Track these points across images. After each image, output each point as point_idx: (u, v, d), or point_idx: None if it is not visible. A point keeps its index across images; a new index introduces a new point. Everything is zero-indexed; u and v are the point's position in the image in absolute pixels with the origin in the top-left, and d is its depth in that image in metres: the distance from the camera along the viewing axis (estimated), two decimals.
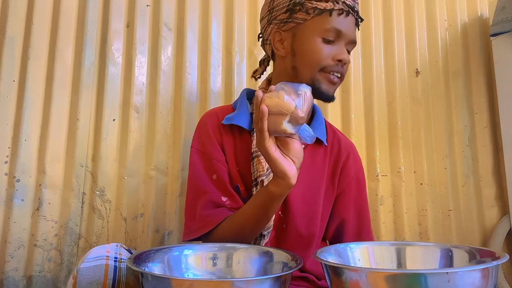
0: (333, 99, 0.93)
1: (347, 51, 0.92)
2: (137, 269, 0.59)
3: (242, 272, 0.73)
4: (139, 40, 1.31)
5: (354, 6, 0.91)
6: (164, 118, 1.30)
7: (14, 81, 1.20)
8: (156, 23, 1.34)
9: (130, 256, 0.64)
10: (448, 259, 0.70)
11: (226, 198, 0.90)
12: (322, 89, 0.90)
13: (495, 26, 1.48)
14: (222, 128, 0.96)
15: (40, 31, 1.24)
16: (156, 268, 0.68)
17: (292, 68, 0.92)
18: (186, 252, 0.74)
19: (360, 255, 0.74)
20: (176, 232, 1.27)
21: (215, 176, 0.91)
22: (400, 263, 0.74)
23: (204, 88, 1.35)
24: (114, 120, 1.26)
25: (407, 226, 1.45)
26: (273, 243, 0.92)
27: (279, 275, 0.58)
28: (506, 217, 1.47)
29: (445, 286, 0.50)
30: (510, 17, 1.44)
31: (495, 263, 0.54)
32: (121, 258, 0.71)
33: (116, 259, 0.70)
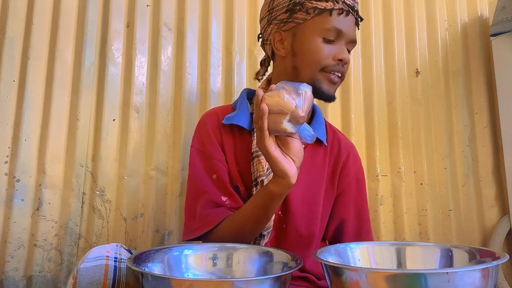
0: (334, 98, 0.93)
1: (347, 51, 0.92)
2: (137, 269, 0.59)
3: (242, 272, 0.73)
4: (139, 40, 1.31)
5: (354, 6, 0.91)
6: (164, 118, 1.30)
7: (14, 81, 1.20)
8: (156, 23, 1.34)
9: (130, 256, 0.64)
10: (448, 259, 0.70)
11: (226, 198, 0.90)
12: (323, 89, 0.90)
13: (495, 26, 1.48)
14: (222, 127, 0.96)
15: (40, 31, 1.24)
16: (156, 268, 0.68)
17: (293, 68, 0.92)
18: (186, 252, 0.74)
19: (360, 255, 0.74)
20: (176, 232, 1.27)
21: (215, 175, 0.91)
22: (400, 263, 0.74)
23: (204, 88, 1.35)
24: (114, 120, 1.26)
25: (407, 226, 1.45)
26: (273, 243, 0.92)
27: (279, 275, 0.58)
28: (506, 217, 1.47)
29: (445, 286, 0.50)
30: (510, 17, 1.44)
31: (495, 263, 0.54)
32: (121, 258, 0.71)
33: (116, 259, 0.70)
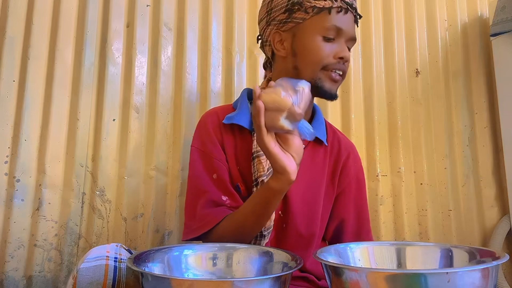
0: (336, 97, 0.93)
1: (348, 49, 0.92)
2: (137, 269, 0.59)
3: (242, 272, 0.73)
4: (139, 40, 1.31)
5: (352, 3, 0.91)
6: (164, 118, 1.30)
7: (14, 81, 1.20)
8: (156, 23, 1.34)
9: (130, 256, 0.64)
10: (448, 259, 0.69)
11: (227, 197, 0.90)
12: (325, 87, 0.90)
13: (495, 26, 1.48)
14: (222, 127, 0.96)
15: (40, 31, 1.24)
16: (156, 268, 0.68)
17: (293, 68, 0.92)
18: (186, 252, 0.74)
19: (360, 255, 0.74)
20: (176, 232, 1.27)
21: (215, 175, 0.91)
22: (400, 263, 0.74)
23: (204, 88, 1.35)
24: (114, 120, 1.26)
25: (407, 226, 1.45)
26: (273, 243, 0.92)
27: (279, 275, 0.58)
28: (506, 217, 1.47)
29: (445, 286, 0.50)
30: (510, 17, 1.44)
31: (495, 263, 0.54)
32: (121, 258, 0.71)
33: (116, 259, 0.70)
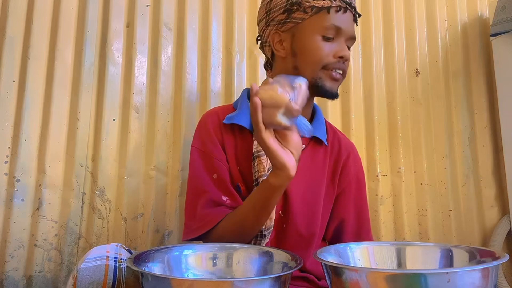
0: (337, 96, 0.93)
1: (347, 47, 0.92)
2: (137, 269, 0.59)
3: (242, 272, 0.73)
4: (139, 40, 1.31)
5: (351, 2, 0.91)
6: (164, 118, 1.30)
7: (14, 81, 1.20)
8: (156, 23, 1.34)
9: (130, 256, 0.64)
10: (448, 259, 0.70)
11: (227, 198, 0.90)
12: (326, 87, 0.90)
13: (495, 26, 1.48)
14: (223, 127, 0.96)
15: (40, 31, 1.24)
16: (156, 268, 0.68)
17: (293, 68, 0.92)
18: (186, 252, 0.74)
19: (360, 255, 0.74)
20: (176, 232, 1.27)
21: (215, 175, 0.91)
22: (400, 263, 0.74)
23: (204, 88, 1.35)
24: (114, 120, 1.26)
25: (407, 226, 1.45)
26: (273, 243, 0.92)
27: (279, 275, 0.58)
28: (506, 217, 1.47)
29: (445, 286, 0.50)
30: (510, 17, 1.44)
31: (495, 263, 0.54)
32: (121, 258, 0.71)
33: (116, 259, 0.70)
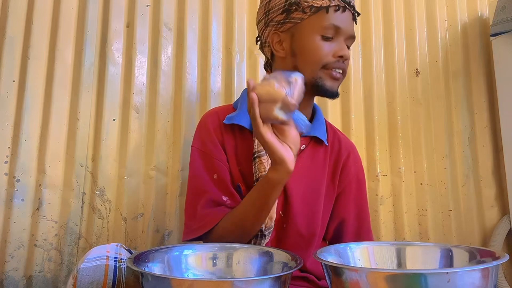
0: (337, 95, 0.93)
1: (347, 47, 0.92)
2: (137, 269, 0.59)
3: (242, 272, 0.73)
4: (139, 40, 1.31)
5: (350, 1, 0.91)
6: (164, 118, 1.30)
7: (14, 81, 1.20)
8: (156, 23, 1.34)
9: (130, 256, 0.64)
10: (448, 259, 0.70)
11: (227, 198, 0.90)
12: (326, 86, 0.90)
13: (495, 26, 1.48)
14: (223, 127, 0.95)
15: (40, 31, 1.24)
16: (156, 268, 0.68)
17: (293, 68, 0.92)
18: (186, 252, 0.74)
19: (360, 255, 0.74)
20: (176, 232, 1.27)
21: (215, 175, 0.91)
22: (400, 263, 0.74)
23: (204, 88, 1.35)
24: (114, 120, 1.26)
25: (407, 226, 1.45)
26: (273, 243, 0.92)
27: (279, 275, 0.58)
28: (506, 217, 1.47)
29: (445, 286, 0.50)
30: (510, 17, 1.44)
31: (495, 263, 0.54)
32: (121, 258, 0.71)
33: (116, 259, 0.70)
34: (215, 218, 0.86)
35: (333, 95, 0.92)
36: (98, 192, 1.22)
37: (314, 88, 0.91)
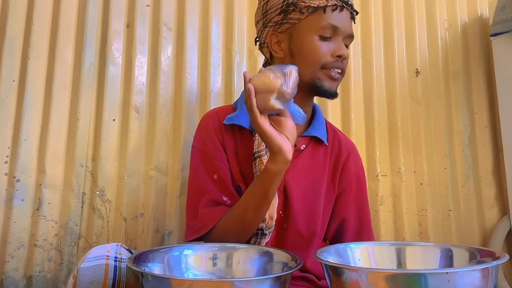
0: (336, 95, 0.93)
1: (345, 46, 0.92)
2: (137, 269, 0.59)
3: (242, 272, 0.73)
4: (139, 40, 1.31)
5: (347, 0, 0.91)
6: (164, 118, 1.30)
7: (14, 81, 1.20)
8: (156, 23, 1.34)
9: (130, 256, 0.64)
10: (448, 259, 0.70)
11: (227, 198, 0.90)
12: (325, 86, 0.90)
13: (495, 26, 1.48)
14: (223, 128, 0.96)
15: (40, 31, 1.24)
16: (156, 268, 0.68)
17: None
18: (186, 252, 0.74)
19: (360, 255, 0.74)
20: (176, 232, 1.27)
21: (216, 175, 0.91)
22: (400, 263, 0.74)
23: (204, 88, 1.35)
24: (114, 120, 1.26)
25: (407, 226, 1.45)
26: (273, 243, 0.92)
27: (279, 275, 0.58)
28: (506, 217, 1.47)
29: (445, 286, 0.50)
30: (510, 17, 1.44)
31: (495, 263, 0.54)
32: (121, 258, 0.71)
33: (116, 259, 0.70)
34: (216, 216, 0.86)
35: (332, 95, 0.92)
36: (98, 192, 1.22)
37: (313, 89, 0.91)
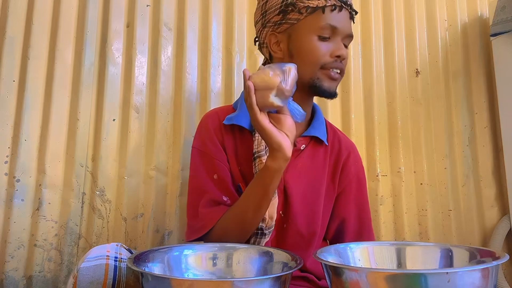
0: (335, 95, 0.93)
1: (345, 46, 0.92)
2: (137, 269, 0.59)
3: (242, 272, 0.73)
4: (139, 40, 1.31)
5: (346, 0, 0.91)
6: (164, 118, 1.30)
7: (14, 81, 1.20)
8: (156, 23, 1.34)
9: (130, 256, 0.64)
10: (448, 259, 0.70)
11: (227, 198, 0.90)
12: (324, 86, 0.90)
13: (495, 26, 1.48)
14: (223, 128, 0.96)
15: (40, 31, 1.24)
16: (156, 268, 0.68)
17: None
18: (186, 252, 0.74)
19: (360, 255, 0.74)
20: (176, 232, 1.27)
21: (216, 175, 0.91)
22: (400, 263, 0.74)
23: (204, 88, 1.35)
24: (114, 120, 1.26)
25: (407, 226, 1.45)
26: (273, 243, 0.92)
27: (279, 275, 0.58)
28: (506, 217, 1.47)
29: (445, 286, 0.50)
30: (510, 17, 1.44)
31: (495, 263, 0.54)
32: (121, 258, 0.71)
33: (116, 259, 0.70)
34: (216, 216, 0.86)
35: (331, 95, 0.92)
36: (98, 192, 1.22)
37: (312, 89, 0.91)
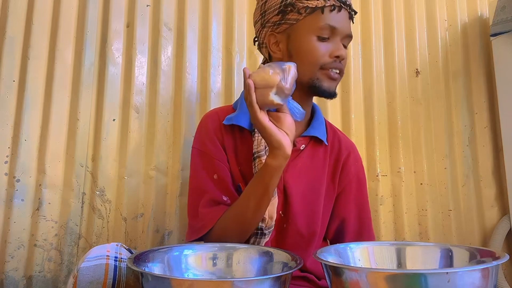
0: (335, 95, 0.93)
1: (344, 46, 0.92)
2: (137, 269, 0.59)
3: (242, 272, 0.73)
4: (139, 40, 1.31)
5: (345, 0, 0.91)
6: (164, 118, 1.30)
7: (14, 81, 1.20)
8: (156, 23, 1.34)
9: (130, 256, 0.64)
10: (448, 259, 0.70)
11: (227, 198, 0.90)
12: (323, 87, 0.90)
13: (495, 26, 1.48)
14: (223, 128, 0.96)
15: (40, 31, 1.24)
16: (156, 268, 0.68)
17: None
18: (186, 252, 0.74)
19: (360, 255, 0.74)
20: (176, 232, 1.27)
21: (216, 175, 0.92)
22: (400, 263, 0.74)
23: (204, 88, 1.35)
24: (114, 120, 1.26)
25: (407, 226, 1.45)
26: (273, 242, 0.92)
27: (279, 275, 0.58)
28: (506, 217, 1.47)
29: (445, 286, 0.50)
30: (510, 17, 1.44)
31: (495, 263, 0.54)
32: (121, 258, 0.71)
33: (116, 259, 0.70)
34: (216, 215, 0.86)
35: (331, 95, 0.92)
36: (98, 192, 1.22)
37: (312, 89, 0.91)
